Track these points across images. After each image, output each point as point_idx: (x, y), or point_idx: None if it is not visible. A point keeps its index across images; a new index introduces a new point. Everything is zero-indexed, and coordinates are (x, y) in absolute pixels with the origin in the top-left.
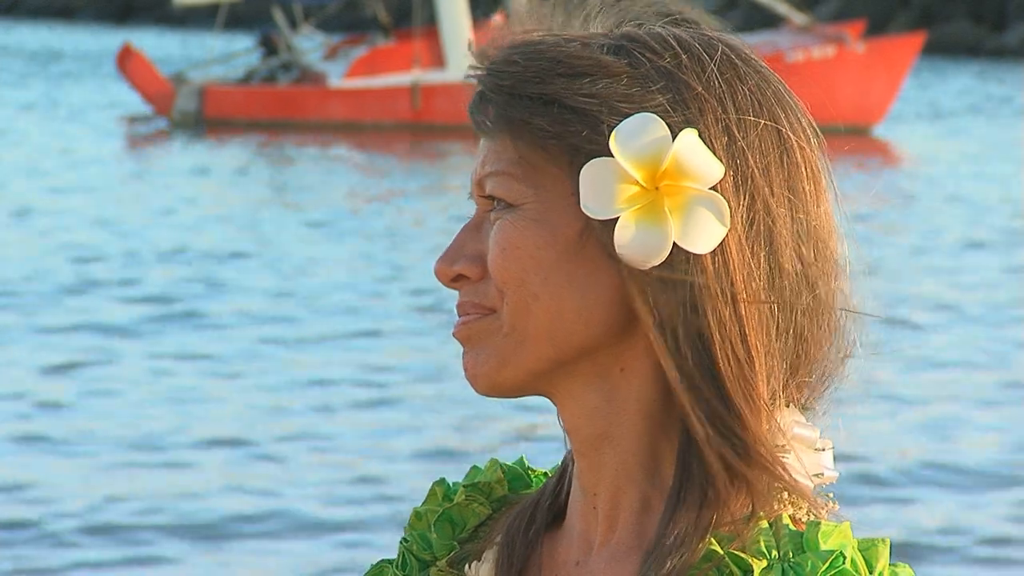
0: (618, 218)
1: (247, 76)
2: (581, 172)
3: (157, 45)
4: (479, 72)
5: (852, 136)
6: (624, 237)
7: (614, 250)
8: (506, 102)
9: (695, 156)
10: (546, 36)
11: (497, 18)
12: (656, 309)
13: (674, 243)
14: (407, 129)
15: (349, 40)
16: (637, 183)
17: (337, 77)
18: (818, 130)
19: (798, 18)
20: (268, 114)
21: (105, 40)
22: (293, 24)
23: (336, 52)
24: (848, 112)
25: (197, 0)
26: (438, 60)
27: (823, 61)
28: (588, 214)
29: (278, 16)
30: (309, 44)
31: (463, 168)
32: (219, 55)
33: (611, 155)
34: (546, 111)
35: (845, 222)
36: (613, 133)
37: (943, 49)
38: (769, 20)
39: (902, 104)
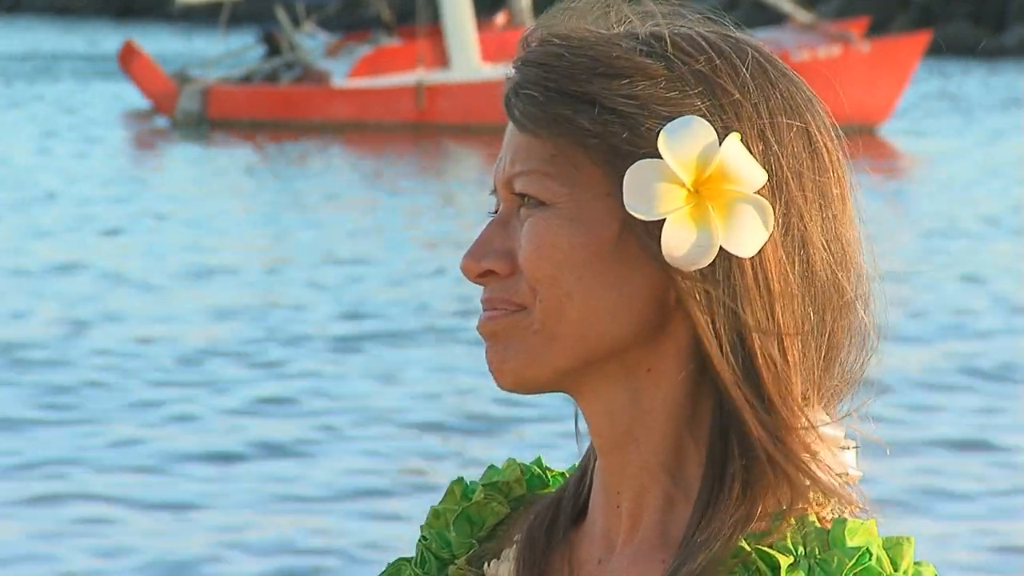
0: (662, 220)
1: (249, 74)
2: (627, 173)
3: (157, 44)
4: (520, 63)
5: (857, 136)
6: (672, 239)
7: (655, 251)
8: (548, 98)
9: (740, 161)
10: (586, 33)
11: (501, 17)
12: (695, 311)
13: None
14: (411, 129)
15: (351, 37)
16: (683, 185)
17: (341, 77)
18: (840, 132)
19: (802, 16)
20: (272, 114)
21: (106, 39)
22: (296, 22)
23: (338, 50)
24: (853, 112)
25: None
26: (442, 60)
27: (828, 61)
28: (634, 215)
29: (281, 14)
30: (311, 42)
31: (468, 168)
32: (221, 53)
33: (654, 156)
34: (587, 110)
35: (863, 224)
36: (662, 134)
37: (942, 49)
38: (770, 18)
39: (901, 104)
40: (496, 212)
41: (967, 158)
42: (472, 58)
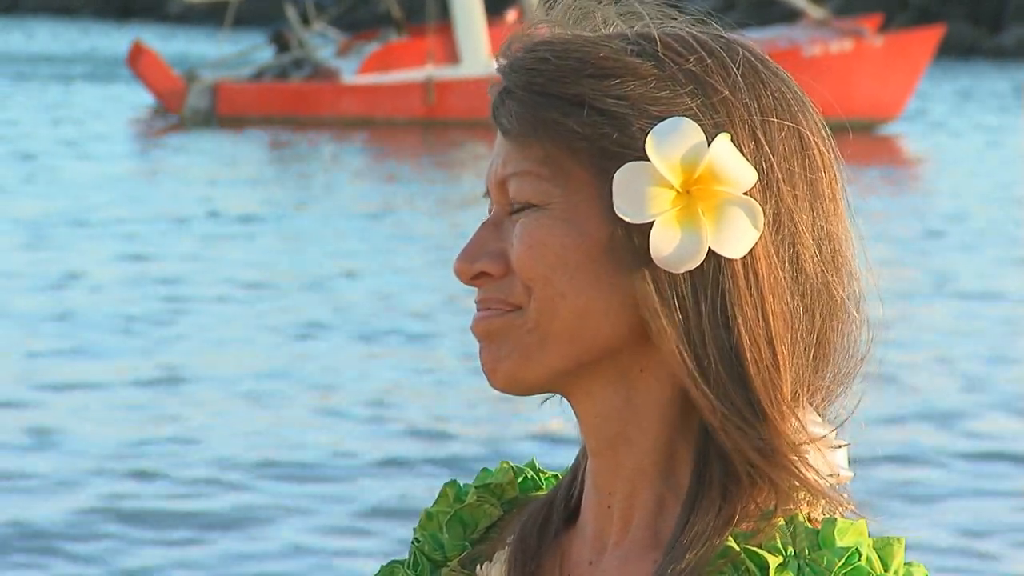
0: (651, 222)
1: (259, 73)
2: (615, 176)
3: (155, 45)
4: (507, 69)
5: (869, 131)
6: (660, 242)
7: (645, 253)
8: (536, 102)
9: (729, 162)
10: (572, 35)
11: (511, 14)
12: (684, 313)
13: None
14: (420, 125)
15: (362, 35)
16: (671, 187)
17: (350, 73)
18: (830, 132)
19: (815, 12)
20: (281, 111)
21: (106, 39)
22: (305, 21)
23: (349, 48)
24: (865, 107)
25: None
26: (452, 56)
27: (840, 55)
28: (623, 217)
29: (290, 12)
30: (322, 41)
31: (477, 164)
32: (228, 53)
33: (643, 158)
34: (576, 112)
35: (856, 225)
36: (649, 136)
37: (940, 50)
38: (781, 16)
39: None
40: (489, 214)
41: (967, 157)
42: (482, 53)
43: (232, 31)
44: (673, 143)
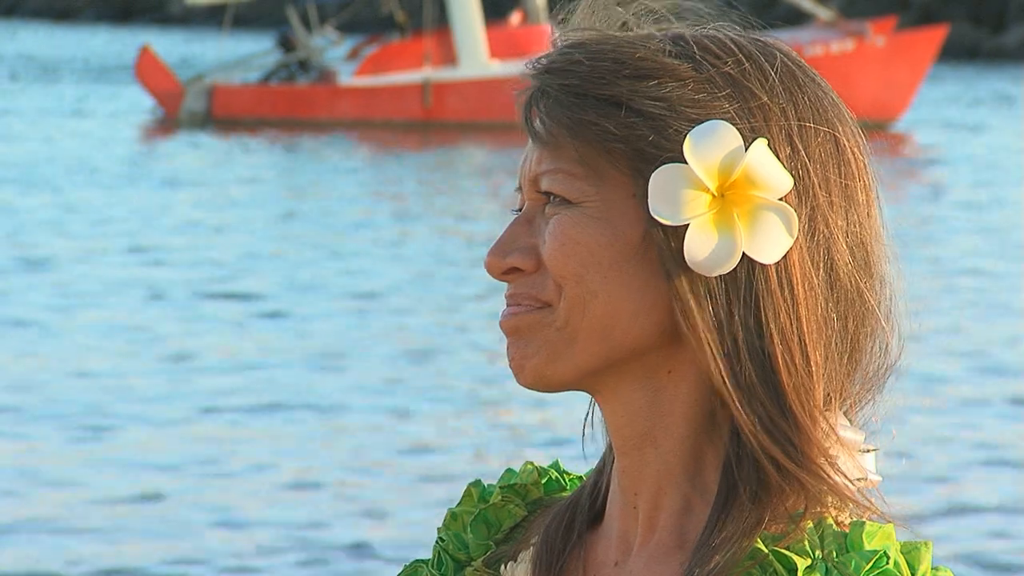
0: (686, 224)
1: (266, 77)
2: (651, 177)
3: (158, 45)
4: (541, 71)
5: (872, 131)
6: (695, 245)
7: (679, 256)
8: (572, 103)
9: (766, 167)
10: (606, 36)
11: (515, 16)
12: (717, 316)
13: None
14: (418, 127)
15: (367, 41)
16: (707, 191)
17: (347, 75)
18: (864, 137)
19: (824, 14)
20: (277, 113)
21: (106, 41)
22: (306, 24)
23: (357, 54)
24: (868, 106)
25: None
26: (450, 57)
27: (842, 55)
28: (658, 219)
29: (292, 17)
30: (326, 44)
31: (475, 166)
32: (229, 56)
33: (680, 160)
34: (612, 113)
35: (886, 231)
36: (687, 139)
37: (942, 51)
38: (770, 19)
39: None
40: (520, 209)
41: (965, 157)
42: (480, 55)
43: (233, 33)
44: (711, 146)
